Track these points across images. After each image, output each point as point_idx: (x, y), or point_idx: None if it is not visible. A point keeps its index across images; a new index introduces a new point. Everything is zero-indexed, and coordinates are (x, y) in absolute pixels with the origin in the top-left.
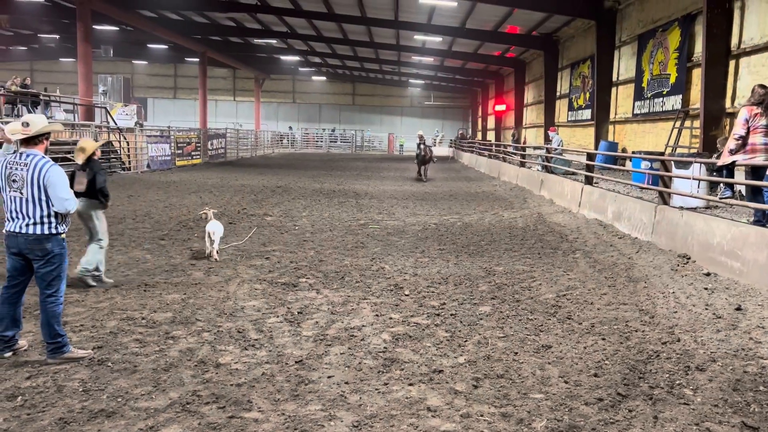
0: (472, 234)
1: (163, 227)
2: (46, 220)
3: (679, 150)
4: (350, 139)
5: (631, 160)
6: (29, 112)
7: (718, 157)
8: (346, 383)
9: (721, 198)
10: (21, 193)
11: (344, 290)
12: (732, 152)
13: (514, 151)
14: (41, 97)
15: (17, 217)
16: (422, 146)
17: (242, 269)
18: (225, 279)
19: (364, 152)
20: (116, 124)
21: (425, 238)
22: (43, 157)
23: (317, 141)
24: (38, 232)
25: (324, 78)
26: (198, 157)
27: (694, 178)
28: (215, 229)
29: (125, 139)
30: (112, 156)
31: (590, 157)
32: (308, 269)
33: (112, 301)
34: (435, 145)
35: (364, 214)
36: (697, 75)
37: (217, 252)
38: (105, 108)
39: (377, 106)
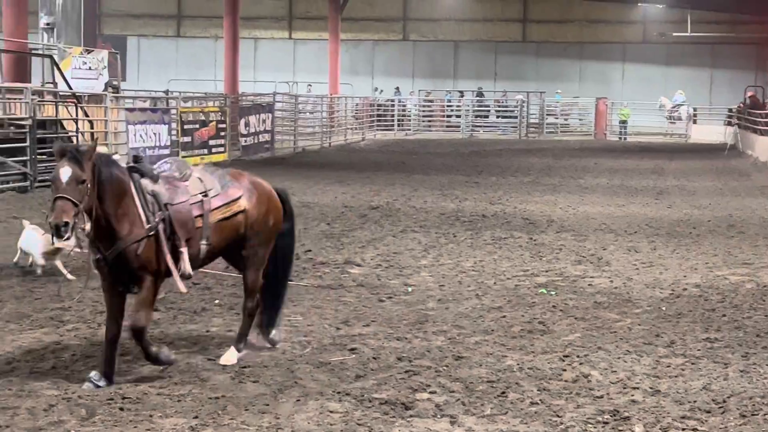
0: None
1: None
2: None
3: None
4: (517, 111)
5: None
6: None
7: None
8: None
9: None
10: None
11: (507, 420)
12: None
13: None
14: None
15: None
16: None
17: (304, 371)
18: (272, 389)
19: (547, 137)
20: (69, 86)
21: (676, 315)
22: None
23: (450, 116)
24: None
25: None
26: (221, 149)
27: None
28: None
29: (86, 115)
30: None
31: None
32: (433, 374)
33: None
34: (672, 120)
35: (547, 264)
36: None
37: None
38: (51, 57)
39: (572, 45)
